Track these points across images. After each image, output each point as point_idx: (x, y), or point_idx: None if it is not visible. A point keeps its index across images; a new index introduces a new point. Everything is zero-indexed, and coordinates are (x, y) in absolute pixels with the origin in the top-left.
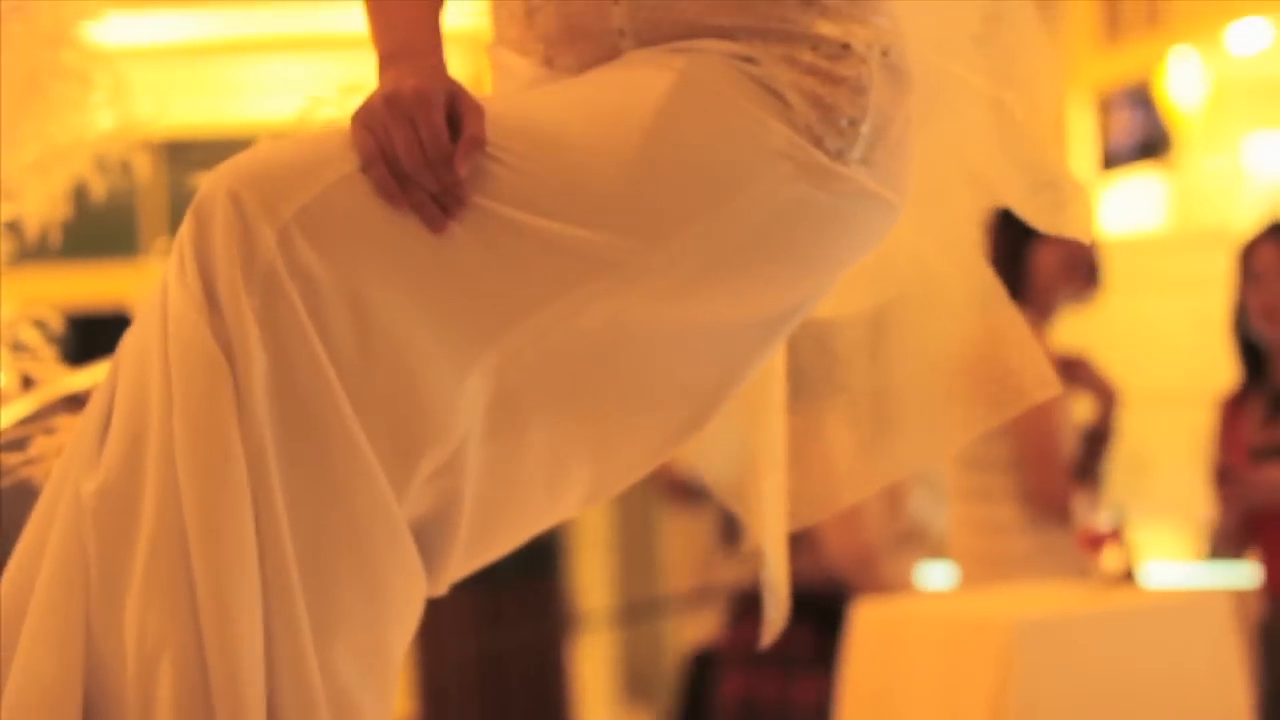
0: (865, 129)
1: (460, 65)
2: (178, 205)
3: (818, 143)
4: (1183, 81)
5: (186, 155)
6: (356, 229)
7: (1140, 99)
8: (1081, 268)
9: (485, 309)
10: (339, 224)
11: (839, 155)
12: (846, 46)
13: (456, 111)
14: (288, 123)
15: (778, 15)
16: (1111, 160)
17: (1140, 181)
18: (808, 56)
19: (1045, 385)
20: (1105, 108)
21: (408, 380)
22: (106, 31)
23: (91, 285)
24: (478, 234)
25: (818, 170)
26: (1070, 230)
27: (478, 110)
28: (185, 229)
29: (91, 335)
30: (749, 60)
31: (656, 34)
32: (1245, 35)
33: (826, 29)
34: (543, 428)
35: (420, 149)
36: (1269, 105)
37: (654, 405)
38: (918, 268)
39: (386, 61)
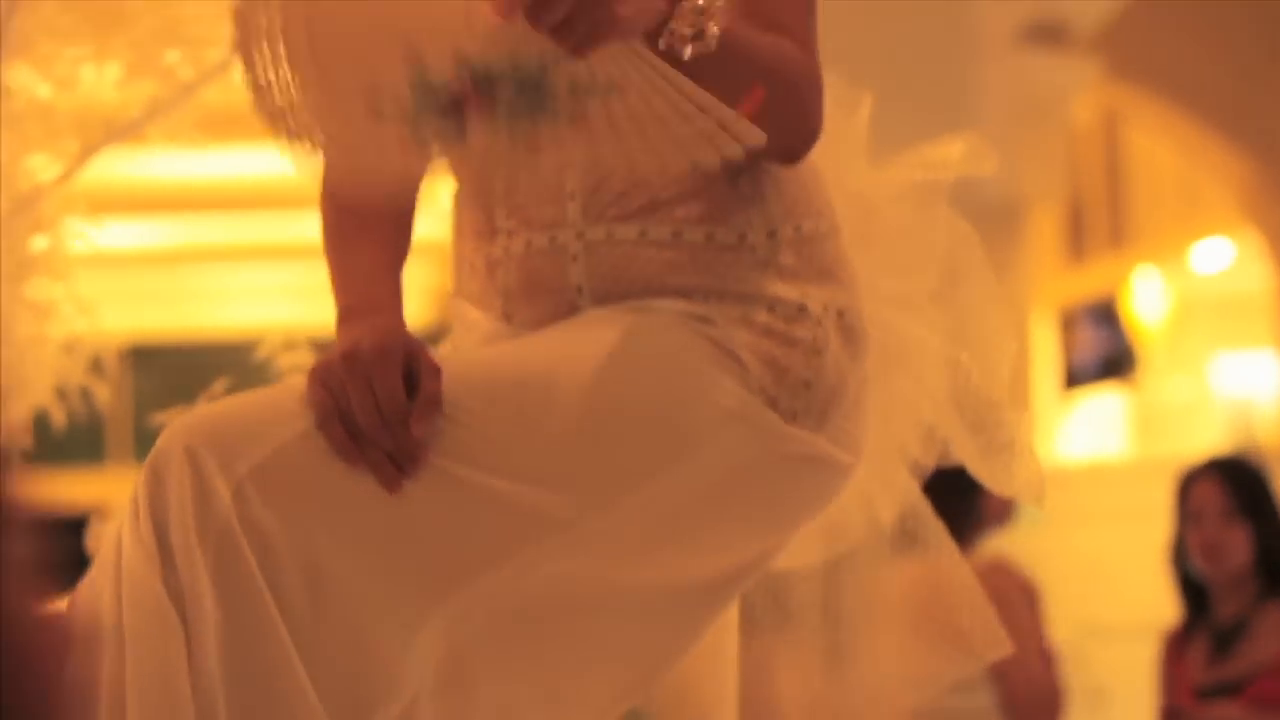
0: (820, 390)
1: (426, 275)
2: (143, 410)
3: (772, 404)
4: (1147, 299)
5: (151, 360)
6: (311, 486)
7: (1104, 316)
8: (1011, 506)
9: (438, 568)
10: (294, 481)
11: (793, 417)
12: (803, 308)
13: (414, 370)
14: (249, 329)
15: (734, 276)
16: (1074, 378)
17: (1103, 401)
18: (763, 318)
19: (996, 646)
20: (1069, 325)
21: (359, 638)
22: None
23: (55, 489)
24: (432, 493)
25: (772, 432)
26: (1021, 495)
27: (434, 370)
28: (140, 482)
29: (54, 540)
30: (705, 320)
31: (614, 292)
32: (1209, 254)
33: (783, 290)
34: (492, 685)
35: (376, 408)
36: (1233, 324)
37: (604, 665)
38: (871, 523)
39: (345, 317)
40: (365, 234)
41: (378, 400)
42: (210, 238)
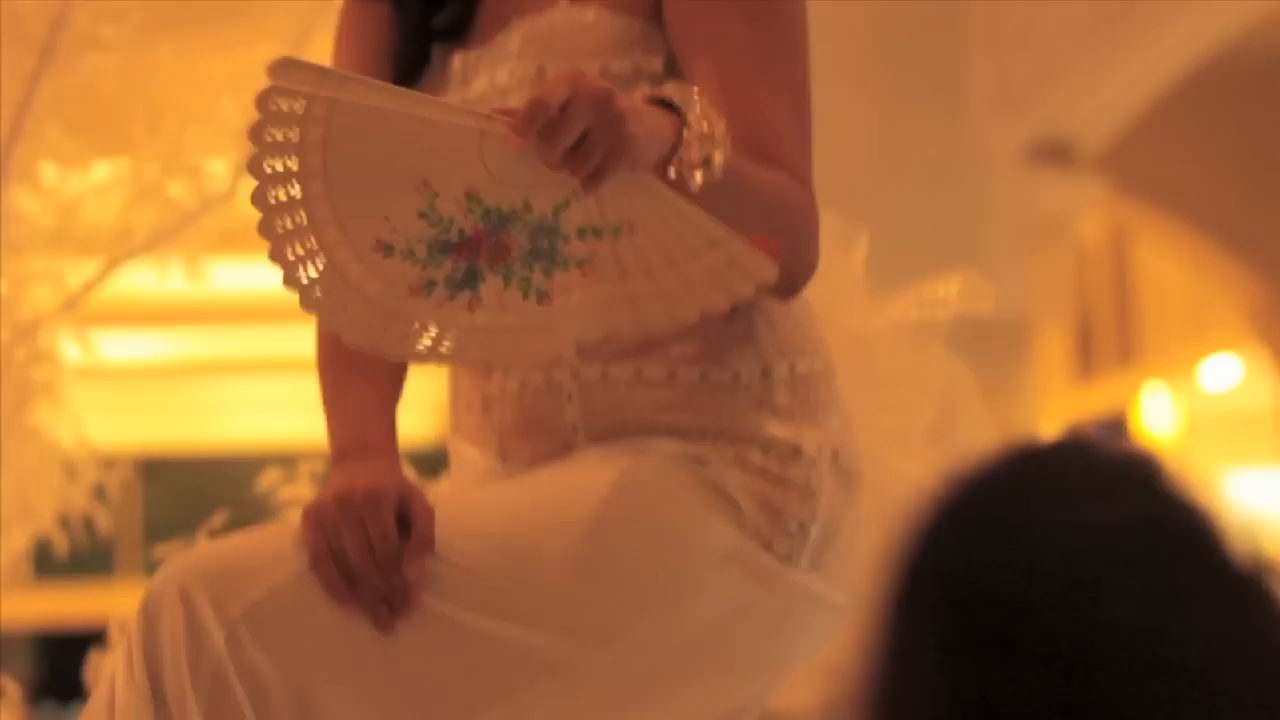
0: (815, 532)
1: (428, 389)
2: (153, 523)
3: (766, 546)
4: (1156, 416)
5: (162, 473)
6: (304, 628)
7: (1113, 433)
8: None
9: (432, 710)
10: (287, 623)
11: (788, 559)
12: (797, 450)
13: (407, 512)
14: (260, 441)
15: (728, 415)
16: None
17: None
18: (758, 459)
19: None
20: None
21: None
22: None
23: (64, 604)
24: (425, 634)
25: (766, 574)
26: None
27: (427, 511)
28: (134, 623)
29: (64, 655)
30: (699, 462)
31: (610, 431)
32: (1217, 371)
33: (778, 430)
34: None
35: (369, 550)
36: (1242, 441)
37: None
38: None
39: (339, 458)
40: (359, 372)
41: (371, 542)
42: (222, 351)
